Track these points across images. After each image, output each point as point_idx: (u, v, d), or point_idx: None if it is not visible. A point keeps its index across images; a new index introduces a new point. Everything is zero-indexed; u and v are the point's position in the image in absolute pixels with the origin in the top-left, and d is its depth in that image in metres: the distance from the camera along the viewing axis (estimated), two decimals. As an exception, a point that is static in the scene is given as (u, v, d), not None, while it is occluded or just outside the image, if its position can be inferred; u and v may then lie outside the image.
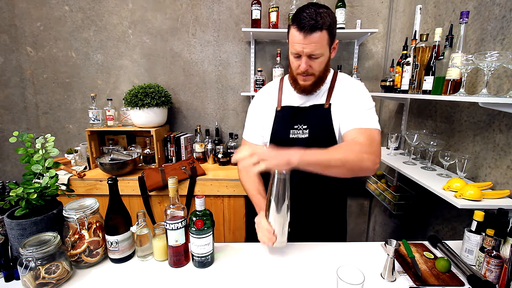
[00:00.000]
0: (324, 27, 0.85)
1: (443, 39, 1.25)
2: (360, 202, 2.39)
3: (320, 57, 0.90)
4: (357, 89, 0.98)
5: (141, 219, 0.92)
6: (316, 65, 0.92)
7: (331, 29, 0.88)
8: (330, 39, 0.89)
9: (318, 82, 0.98)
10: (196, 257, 0.87)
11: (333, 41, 0.92)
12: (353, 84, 1.00)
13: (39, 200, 0.85)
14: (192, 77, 2.16)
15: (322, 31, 0.86)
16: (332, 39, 0.91)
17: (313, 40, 0.86)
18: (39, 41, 2.08)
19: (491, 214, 0.90)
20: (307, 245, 1.01)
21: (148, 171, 1.75)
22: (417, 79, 1.39)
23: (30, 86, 2.15)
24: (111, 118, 1.96)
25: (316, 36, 0.86)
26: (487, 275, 0.80)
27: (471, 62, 1.02)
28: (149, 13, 2.06)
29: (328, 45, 0.90)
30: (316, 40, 0.86)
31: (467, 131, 1.28)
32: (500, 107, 0.95)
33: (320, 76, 0.97)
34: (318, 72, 0.94)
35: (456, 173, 1.22)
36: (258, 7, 1.90)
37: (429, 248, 1.01)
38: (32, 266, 0.73)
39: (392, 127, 2.03)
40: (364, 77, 2.13)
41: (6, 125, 2.22)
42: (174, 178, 0.87)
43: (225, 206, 1.77)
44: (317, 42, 0.86)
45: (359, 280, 0.65)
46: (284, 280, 0.83)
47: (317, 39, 0.86)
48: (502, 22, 1.10)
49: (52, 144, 0.91)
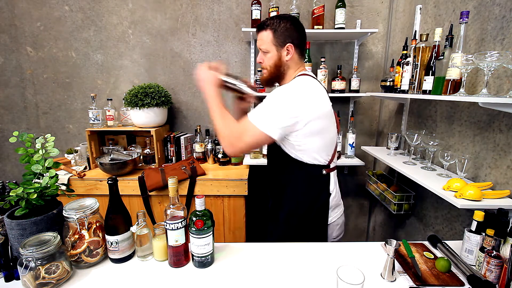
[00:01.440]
0: (268, 27, 1.05)
1: (443, 39, 1.25)
2: (360, 202, 2.39)
3: (268, 54, 1.07)
4: (275, 90, 1.03)
5: (141, 219, 0.92)
6: (266, 60, 1.09)
7: (276, 31, 1.04)
8: (275, 39, 1.05)
9: (273, 79, 1.13)
10: (196, 257, 0.87)
11: (280, 43, 1.05)
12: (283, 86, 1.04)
13: (39, 200, 0.85)
14: (192, 77, 2.15)
15: (266, 30, 1.06)
16: (279, 41, 1.05)
17: (259, 37, 1.09)
18: (39, 41, 2.08)
19: (491, 214, 0.90)
20: (307, 245, 1.01)
21: (148, 171, 1.75)
22: (417, 79, 1.39)
23: (30, 86, 2.15)
24: (111, 118, 1.96)
25: (261, 34, 1.07)
26: (487, 275, 0.80)
27: (471, 62, 1.02)
28: (149, 13, 2.06)
29: (274, 44, 1.05)
30: (260, 36, 1.08)
31: (467, 131, 1.28)
32: (500, 107, 0.95)
33: (273, 73, 1.10)
34: (269, 67, 1.09)
35: (456, 173, 1.22)
36: (258, 7, 1.90)
37: (429, 248, 1.01)
38: (32, 266, 0.73)
39: (392, 127, 2.03)
40: (364, 77, 2.13)
41: (6, 125, 2.22)
42: (174, 178, 0.87)
43: (225, 206, 1.77)
44: (261, 38, 1.08)
45: (359, 280, 0.65)
46: (284, 280, 0.83)
47: (261, 36, 1.08)
48: (502, 22, 1.10)
49: (52, 144, 0.91)
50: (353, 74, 2.00)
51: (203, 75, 1.08)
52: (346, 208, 2.40)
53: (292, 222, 1.13)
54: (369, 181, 2.07)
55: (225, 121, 1.01)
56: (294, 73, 1.11)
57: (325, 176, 1.09)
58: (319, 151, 1.05)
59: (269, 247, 1.00)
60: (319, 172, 1.08)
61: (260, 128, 0.96)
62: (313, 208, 1.11)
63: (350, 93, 1.98)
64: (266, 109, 0.98)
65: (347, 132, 2.05)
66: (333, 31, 1.85)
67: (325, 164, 1.08)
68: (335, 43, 2.11)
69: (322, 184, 1.10)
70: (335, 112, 1.12)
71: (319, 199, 1.10)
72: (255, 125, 0.96)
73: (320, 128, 1.02)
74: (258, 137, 0.97)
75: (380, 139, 2.23)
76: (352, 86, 2.00)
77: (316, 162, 1.06)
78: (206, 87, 1.07)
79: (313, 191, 1.10)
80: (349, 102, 2.17)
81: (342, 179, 2.33)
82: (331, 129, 1.07)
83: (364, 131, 2.25)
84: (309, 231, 1.12)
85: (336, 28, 1.87)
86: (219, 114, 1.02)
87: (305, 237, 1.09)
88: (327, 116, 1.04)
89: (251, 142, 0.98)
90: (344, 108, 2.20)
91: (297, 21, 1.08)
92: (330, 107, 1.05)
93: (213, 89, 1.06)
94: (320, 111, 1.01)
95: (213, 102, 1.04)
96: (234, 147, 0.99)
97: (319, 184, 1.10)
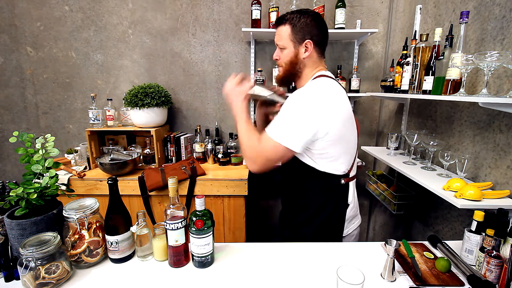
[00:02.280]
0: (287, 22, 1.00)
1: (443, 39, 1.25)
2: (360, 202, 2.37)
3: (285, 50, 1.03)
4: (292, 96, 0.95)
5: (141, 219, 0.92)
6: (282, 56, 1.05)
7: (295, 26, 0.99)
8: (293, 35, 1.00)
9: (288, 77, 1.08)
10: (196, 257, 0.87)
11: (298, 39, 1.00)
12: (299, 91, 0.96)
13: (39, 200, 0.85)
14: (192, 77, 2.16)
15: (285, 25, 1.01)
16: (297, 36, 1.00)
17: (277, 32, 1.04)
18: (39, 41, 2.08)
19: (491, 214, 0.90)
20: (307, 245, 1.01)
21: (148, 171, 1.75)
22: (417, 79, 1.39)
23: (30, 86, 2.15)
24: (111, 118, 1.96)
25: (279, 29, 1.03)
26: (487, 275, 0.80)
27: (471, 62, 1.02)
28: (149, 13, 2.06)
29: (291, 40, 1.01)
30: (278, 32, 1.03)
31: (467, 131, 1.28)
32: (500, 107, 0.95)
33: (288, 70, 1.06)
34: (285, 64, 1.05)
35: (456, 173, 1.22)
36: (258, 7, 1.90)
37: (429, 248, 1.01)
38: (32, 266, 0.73)
39: (392, 127, 2.03)
40: (364, 77, 2.13)
41: (6, 125, 2.22)
42: (174, 178, 0.87)
43: (225, 206, 1.77)
44: (279, 33, 1.03)
45: (359, 280, 0.65)
46: (284, 280, 0.83)
47: (279, 31, 1.03)
48: (502, 22, 1.10)
49: (52, 144, 0.91)
50: (353, 74, 2.01)
51: (232, 90, 1.04)
52: (346, 208, 2.40)
53: (307, 231, 1.07)
54: (369, 181, 2.07)
55: (249, 139, 0.97)
56: (312, 72, 1.05)
57: (343, 186, 1.03)
58: (339, 159, 0.99)
59: (269, 247, 1.00)
60: (338, 182, 1.02)
61: (281, 143, 0.90)
62: (330, 219, 1.05)
63: (350, 93, 1.98)
64: (284, 121, 0.92)
65: (347, 132, 2.05)
66: (333, 31, 1.85)
67: (344, 174, 1.02)
68: (335, 43, 2.11)
69: (340, 194, 1.04)
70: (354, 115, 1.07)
71: (336, 210, 1.05)
72: (276, 140, 0.90)
73: (340, 135, 0.96)
74: (280, 152, 0.92)
75: (380, 139, 2.22)
76: (352, 86, 2.00)
77: (334, 171, 1.01)
78: (234, 102, 1.03)
79: (330, 202, 1.04)
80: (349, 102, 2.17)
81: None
82: (352, 135, 1.02)
83: (364, 131, 2.25)
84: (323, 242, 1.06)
85: (336, 28, 1.87)
86: (245, 131, 0.98)
87: None
88: (347, 121, 0.98)
89: (274, 158, 0.93)
90: (344, 108, 2.20)
91: (319, 17, 1.02)
92: (350, 111, 0.99)
93: (242, 104, 1.02)
94: (340, 117, 0.94)
95: (241, 118, 1.00)
96: (257, 164, 0.95)
97: (337, 195, 1.04)
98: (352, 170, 1.06)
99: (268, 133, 0.93)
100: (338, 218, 1.06)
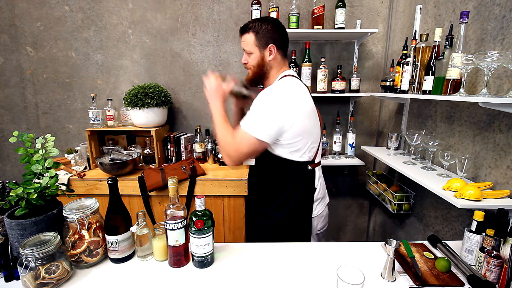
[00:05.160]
0: (250, 30, 1.10)
1: (443, 39, 1.25)
2: (360, 202, 2.39)
3: (252, 55, 1.13)
4: (261, 94, 1.05)
5: (141, 219, 0.92)
6: (250, 60, 1.14)
7: (258, 33, 1.10)
8: (258, 41, 1.10)
9: (257, 78, 1.18)
10: (196, 257, 0.87)
11: (263, 44, 1.10)
12: (267, 89, 1.07)
13: (39, 200, 0.85)
14: (192, 77, 2.16)
15: (249, 33, 1.11)
16: (261, 42, 1.10)
17: (243, 39, 1.14)
18: (39, 41, 2.08)
19: (491, 214, 0.90)
20: (307, 245, 1.01)
21: (148, 171, 1.75)
22: (417, 79, 1.39)
23: (30, 86, 2.15)
24: (111, 118, 1.96)
25: (244, 36, 1.13)
26: (487, 275, 0.80)
27: (471, 62, 1.02)
28: (149, 13, 2.06)
29: (257, 46, 1.11)
30: (243, 39, 1.13)
31: (467, 131, 1.28)
32: (500, 107, 0.95)
33: (257, 72, 1.15)
34: (253, 67, 1.15)
35: (456, 173, 1.22)
36: (258, 7, 1.90)
37: (429, 248, 1.01)
38: (32, 266, 0.73)
39: (392, 127, 2.03)
40: (364, 77, 2.13)
41: (6, 125, 2.22)
42: (174, 178, 0.87)
43: (225, 206, 1.77)
44: (244, 40, 1.13)
45: (359, 280, 0.65)
46: (284, 280, 0.83)
47: (244, 38, 1.13)
48: (502, 22, 1.10)
49: (52, 144, 0.91)
50: (353, 74, 2.00)
51: (211, 86, 1.14)
52: (346, 208, 2.40)
53: (279, 216, 1.17)
54: (369, 181, 2.07)
55: (225, 134, 1.06)
56: (277, 73, 1.16)
57: (310, 171, 1.14)
58: (304, 147, 1.10)
59: (269, 247, 1.00)
60: (305, 168, 1.13)
61: (253, 135, 1.00)
62: (299, 202, 1.15)
63: (350, 93, 1.98)
64: (255, 115, 1.03)
65: (347, 132, 2.05)
66: (333, 31, 1.85)
67: (310, 160, 1.13)
68: (335, 43, 2.11)
69: (308, 180, 1.15)
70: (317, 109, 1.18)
71: (305, 194, 1.15)
72: (248, 132, 1.01)
73: (305, 127, 1.06)
74: (252, 145, 1.01)
75: (380, 139, 2.23)
76: (352, 86, 2.00)
77: (301, 159, 1.11)
78: (212, 98, 1.14)
79: (299, 187, 1.14)
80: (349, 102, 2.17)
81: (342, 179, 2.33)
82: (315, 127, 1.13)
83: (364, 131, 2.25)
84: (295, 224, 1.17)
85: (336, 28, 1.87)
86: (221, 127, 1.08)
87: (291, 230, 1.16)
88: (310, 114, 1.09)
89: (247, 150, 1.03)
90: (344, 108, 2.20)
91: (278, 23, 1.14)
92: (312, 106, 1.11)
93: (219, 101, 1.13)
94: (304, 111, 1.06)
95: (217, 114, 1.11)
96: (231, 158, 1.05)
97: (305, 180, 1.14)
98: (316, 157, 1.16)
99: (241, 128, 1.03)
100: (306, 201, 1.16)
